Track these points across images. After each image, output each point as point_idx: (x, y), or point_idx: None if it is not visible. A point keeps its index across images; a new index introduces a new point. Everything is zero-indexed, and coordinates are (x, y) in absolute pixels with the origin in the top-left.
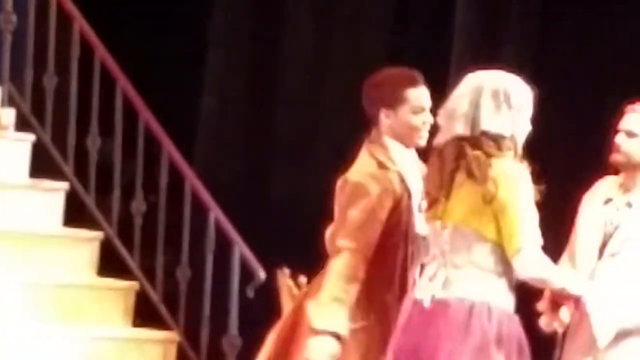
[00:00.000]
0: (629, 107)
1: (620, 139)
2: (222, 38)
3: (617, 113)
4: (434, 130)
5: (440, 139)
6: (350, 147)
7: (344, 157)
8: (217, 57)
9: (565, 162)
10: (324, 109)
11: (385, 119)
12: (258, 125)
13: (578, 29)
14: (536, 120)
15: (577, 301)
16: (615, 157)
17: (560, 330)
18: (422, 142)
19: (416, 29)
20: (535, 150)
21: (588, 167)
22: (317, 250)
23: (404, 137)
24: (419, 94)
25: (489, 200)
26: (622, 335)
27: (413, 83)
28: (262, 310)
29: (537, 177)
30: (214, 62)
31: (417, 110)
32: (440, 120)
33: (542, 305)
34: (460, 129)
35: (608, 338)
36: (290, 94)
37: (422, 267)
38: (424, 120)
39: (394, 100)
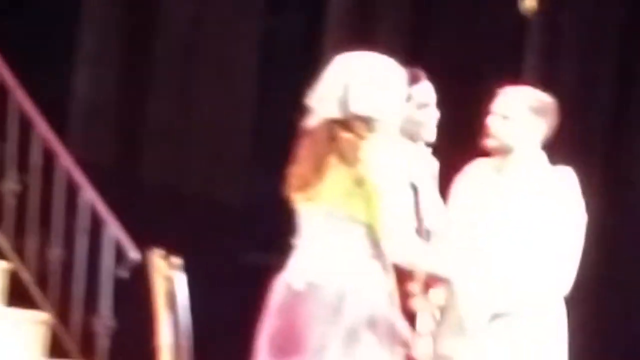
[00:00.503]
0: (502, 90)
1: (492, 122)
2: (96, 17)
3: (490, 96)
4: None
5: (312, 122)
6: (223, 130)
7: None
8: (91, 37)
9: (439, 144)
10: (198, 91)
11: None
12: (132, 106)
13: (452, 11)
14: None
15: (448, 283)
16: (489, 141)
17: (430, 311)
18: (431, 137)
19: (290, 10)
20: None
21: (461, 149)
22: (190, 230)
23: (412, 133)
24: (422, 90)
25: (360, 182)
26: (493, 318)
27: (415, 80)
28: (136, 290)
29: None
30: (88, 41)
31: (422, 106)
32: (312, 102)
33: (413, 287)
34: (332, 110)
35: (479, 321)
36: (164, 75)
37: (294, 249)
38: (430, 115)
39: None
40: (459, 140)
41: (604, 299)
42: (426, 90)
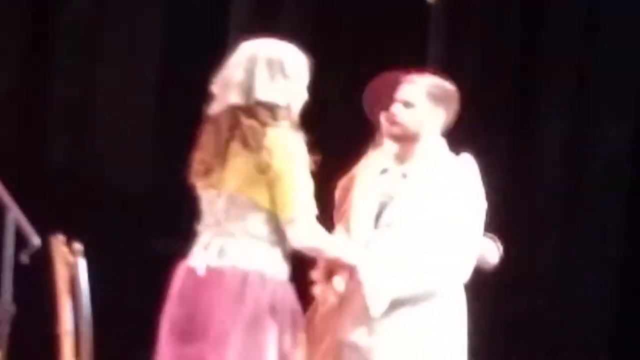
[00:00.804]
0: (405, 78)
1: (396, 110)
2: None
3: (395, 83)
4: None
5: (215, 108)
6: (127, 115)
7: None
8: None
9: (341, 132)
10: (101, 76)
11: (385, 121)
12: (34, 89)
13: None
14: (312, 89)
15: (351, 270)
16: (392, 129)
17: (333, 299)
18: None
19: None
20: (311, 120)
21: (364, 137)
22: (94, 216)
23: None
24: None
25: (263, 169)
26: (396, 305)
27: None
28: (38, 277)
29: (312, 147)
30: None
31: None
32: (216, 89)
33: (316, 274)
34: (235, 98)
35: (381, 307)
36: (67, 59)
37: (198, 235)
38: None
39: (392, 103)
40: (363, 128)
41: (507, 286)
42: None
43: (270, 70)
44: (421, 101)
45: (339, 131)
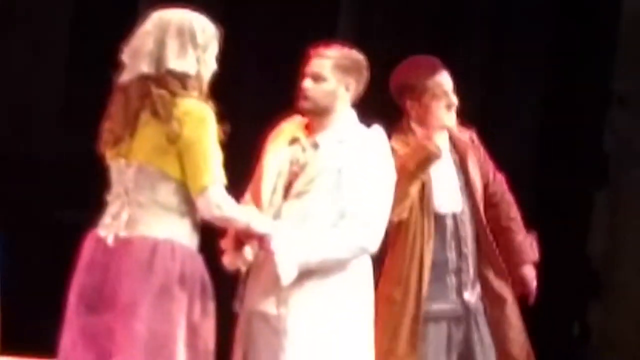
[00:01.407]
0: (315, 52)
1: (307, 84)
2: None
3: (304, 57)
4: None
5: (125, 77)
6: (36, 84)
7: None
8: None
9: (251, 103)
10: (10, 44)
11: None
12: None
13: None
14: (223, 59)
15: (261, 239)
16: (303, 103)
17: (243, 269)
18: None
19: None
20: (221, 90)
21: (274, 108)
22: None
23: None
24: (440, 81)
25: (173, 139)
26: (306, 274)
27: (433, 70)
28: None
29: (221, 117)
30: None
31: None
32: (125, 58)
33: (225, 244)
34: (145, 67)
35: (291, 277)
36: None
37: (106, 205)
38: (448, 104)
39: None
40: (272, 98)
41: None
42: (445, 81)
43: (180, 40)
44: (330, 74)
45: (248, 101)
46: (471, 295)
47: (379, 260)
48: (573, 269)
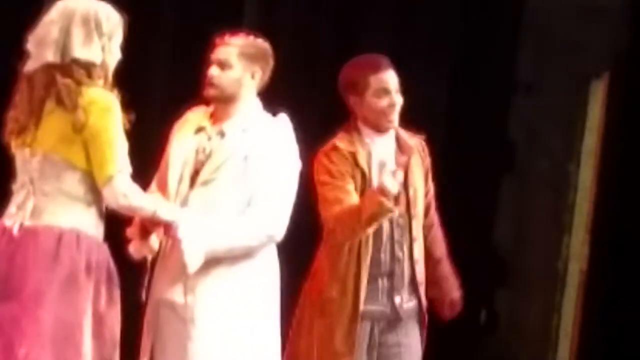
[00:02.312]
0: (221, 39)
1: (213, 71)
2: None
3: (210, 45)
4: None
5: (30, 66)
6: None
7: None
8: None
9: (156, 91)
10: None
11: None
12: None
13: None
14: (128, 48)
15: (167, 227)
16: (209, 91)
17: (149, 257)
18: (392, 125)
19: None
20: (127, 79)
21: (179, 97)
22: None
23: (374, 122)
24: (383, 78)
25: (79, 128)
26: (213, 262)
27: (377, 68)
28: None
29: (127, 106)
30: None
31: (381, 94)
32: (31, 46)
33: (131, 232)
34: (51, 56)
35: (197, 264)
36: None
37: (12, 194)
38: (390, 103)
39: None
40: (178, 87)
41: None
42: (388, 78)
43: (86, 29)
44: (236, 62)
45: (155, 90)
46: (403, 301)
47: (303, 255)
48: (479, 255)
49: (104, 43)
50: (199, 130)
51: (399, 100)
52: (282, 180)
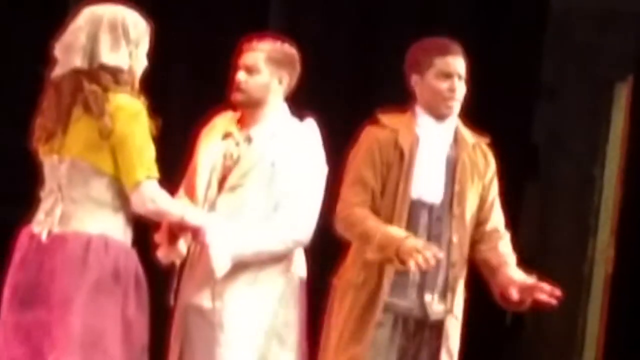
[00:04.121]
0: (248, 45)
1: (240, 76)
2: None
3: (237, 50)
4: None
5: (57, 72)
6: None
7: None
8: None
9: (183, 98)
10: None
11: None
12: None
13: None
14: (154, 54)
15: (195, 232)
16: (237, 96)
17: (177, 262)
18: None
19: None
20: (153, 85)
21: (206, 102)
22: None
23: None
24: (446, 61)
25: (106, 135)
26: (241, 267)
27: (446, 50)
28: None
29: (153, 112)
30: None
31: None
32: (58, 53)
33: (159, 237)
34: (78, 61)
35: (225, 269)
36: None
37: (40, 201)
38: (450, 87)
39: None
40: (203, 92)
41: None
42: (453, 62)
43: (113, 35)
44: (263, 67)
45: (182, 95)
46: (434, 301)
47: (331, 259)
48: None
49: (131, 49)
50: (227, 135)
51: (460, 87)
52: (309, 185)
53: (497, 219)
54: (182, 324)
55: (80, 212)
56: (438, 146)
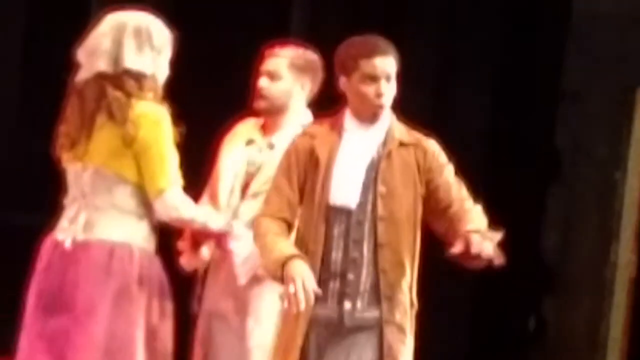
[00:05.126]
0: (270, 51)
1: (263, 82)
2: None
3: (259, 56)
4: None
5: (81, 76)
6: None
7: None
8: None
9: (206, 105)
10: None
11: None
12: None
13: None
14: (176, 61)
15: (218, 239)
16: (259, 102)
17: (201, 269)
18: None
19: None
20: (175, 92)
21: (228, 109)
22: None
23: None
24: (372, 64)
25: (129, 142)
26: (264, 273)
27: (373, 51)
28: None
29: (176, 119)
30: None
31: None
32: (82, 57)
33: (183, 244)
34: (103, 65)
35: (249, 275)
36: None
37: (64, 209)
38: (377, 92)
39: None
40: (227, 99)
41: None
42: (379, 64)
43: (137, 40)
44: (286, 73)
45: (204, 103)
46: (356, 310)
47: None
48: (527, 264)
49: (155, 56)
50: (249, 142)
51: (389, 89)
52: None
53: (458, 198)
54: (206, 331)
55: (104, 219)
56: (361, 149)
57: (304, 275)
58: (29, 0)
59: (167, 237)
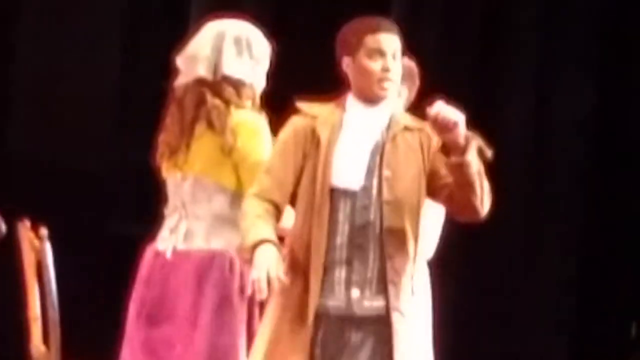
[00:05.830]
0: None
1: None
2: None
3: None
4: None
5: (180, 82)
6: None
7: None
8: None
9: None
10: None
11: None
12: None
13: None
14: (274, 74)
15: None
16: None
17: None
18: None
19: None
20: (273, 102)
21: None
22: (57, 200)
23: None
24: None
25: (227, 151)
26: None
27: (372, 28)
28: (5, 263)
29: (274, 129)
30: None
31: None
32: (181, 63)
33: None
34: (202, 70)
35: None
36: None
37: (164, 218)
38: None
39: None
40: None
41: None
42: (384, 40)
43: (237, 47)
44: None
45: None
46: (365, 297)
47: None
48: (629, 268)
49: (254, 64)
50: None
51: (396, 67)
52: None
53: None
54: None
55: (204, 228)
56: (365, 132)
57: (269, 261)
58: (127, 9)
59: None
